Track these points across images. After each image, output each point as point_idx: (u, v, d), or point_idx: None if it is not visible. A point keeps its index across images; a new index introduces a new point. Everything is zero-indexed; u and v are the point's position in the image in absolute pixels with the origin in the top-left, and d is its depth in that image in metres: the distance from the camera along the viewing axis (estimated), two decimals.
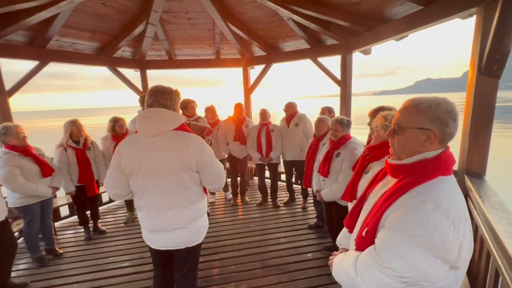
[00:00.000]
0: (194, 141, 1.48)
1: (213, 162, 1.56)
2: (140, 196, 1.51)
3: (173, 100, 1.52)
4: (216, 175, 1.59)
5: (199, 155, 1.48)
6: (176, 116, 1.50)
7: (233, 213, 3.95)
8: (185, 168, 1.46)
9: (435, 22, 2.56)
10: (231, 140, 4.04)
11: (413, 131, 0.90)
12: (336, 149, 2.49)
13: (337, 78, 4.15)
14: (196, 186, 1.56)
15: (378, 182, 1.18)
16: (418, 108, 0.89)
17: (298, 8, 3.17)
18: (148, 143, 1.44)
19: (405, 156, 0.95)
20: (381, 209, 0.93)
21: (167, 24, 4.00)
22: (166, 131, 1.44)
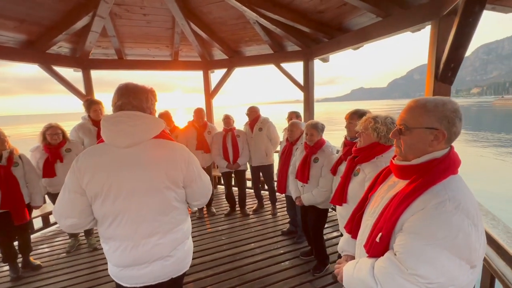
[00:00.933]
0: (180, 151, 1.23)
1: (201, 174, 1.34)
2: (109, 224, 1.18)
3: (149, 101, 1.22)
4: (204, 189, 1.37)
5: (187, 167, 1.23)
6: (156, 121, 1.22)
7: (200, 227, 3.63)
8: (170, 184, 1.20)
9: (391, 34, 2.80)
10: (193, 149, 3.73)
11: (420, 131, 0.89)
12: (313, 154, 2.48)
13: (300, 84, 4.26)
14: (181, 204, 1.31)
15: (379, 184, 1.14)
16: (425, 107, 0.88)
17: (265, 12, 3.14)
18: (121, 156, 1.15)
19: (412, 157, 0.93)
20: (396, 212, 0.88)
21: (118, 18, 3.54)
22: (145, 139, 1.17)
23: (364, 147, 1.61)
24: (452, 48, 1.98)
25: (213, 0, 3.27)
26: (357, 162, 1.66)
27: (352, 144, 1.99)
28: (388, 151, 1.56)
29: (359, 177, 1.62)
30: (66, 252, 3.03)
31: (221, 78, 4.90)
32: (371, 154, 1.58)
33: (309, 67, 4.14)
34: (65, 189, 1.16)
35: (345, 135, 2.19)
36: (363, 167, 1.62)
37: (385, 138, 1.55)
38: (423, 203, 0.83)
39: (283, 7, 3.12)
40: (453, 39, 1.93)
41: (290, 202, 3.26)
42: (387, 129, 1.52)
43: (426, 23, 2.36)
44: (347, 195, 1.68)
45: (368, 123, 1.58)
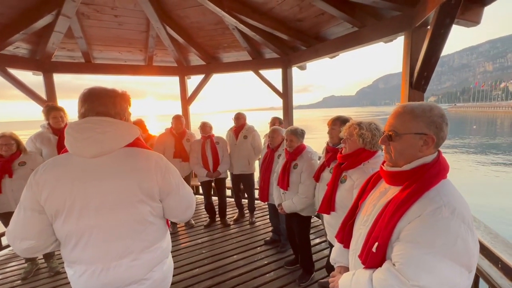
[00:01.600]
0: (155, 160, 1.11)
1: (181, 186, 1.21)
2: (73, 245, 1.03)
3: (118, 106, 1.10)
4: (184, 203, 1.24)
5: (163, 178, 1.11)
6: (129, 128, 1.10)
7: (177, 241, 3.42)
8: (145, 197, 1.07)
9: (366, 43, 2.92)
10: (171, 158, 3.55)
11: (410, 137, 0.89)
12: (293, 160, 2.45)
13: (279, 90, 4.27)
14: (159, 219, 1.17)
15: (369, 191, 1.13)
16: (413, 113, 0.89)
17: (244, 18, 3.12)
18: (87, 167, 1.02)
19: (403, 162, 0.93)
20: (391, 221, 0.86)
21: (86, 18, 3.28)
22: (115, 148, 1.05)
23: (350, 154, 1.60)
24: (425, 57, 2.09)
25: (191, 4, 3.17)
26: (343, 169, 1.65)
27: (334, 150, 1.99)
28: (374, 156, 1.57)
29: (346, 184, 1.60)
30: (21, 279, 2.65)
31: (198, 84, 4.76)
32: (358, 161, 1.57)
33: (287, 74, 4.18)
34: (20, 207, 1.00)
35: (327, 141, 2.19)
36: (350, 174, 1.61)
37: (371, 144, 1.56)
38: (419, 209, 0.82)
39: (262, 14, 3.12)
40: (426, 49, 2.04)
41: (273, 210, 3.20)
42: (372, 135, 1.53)
43: (399, 34, 2.48)
44: (335, 203, 1.65)
45: (352, 129, 1.58)
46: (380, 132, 1.55)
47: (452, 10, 1.79)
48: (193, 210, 1.31)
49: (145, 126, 3.66)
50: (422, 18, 2.13)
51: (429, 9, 1.98)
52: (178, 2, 3.17)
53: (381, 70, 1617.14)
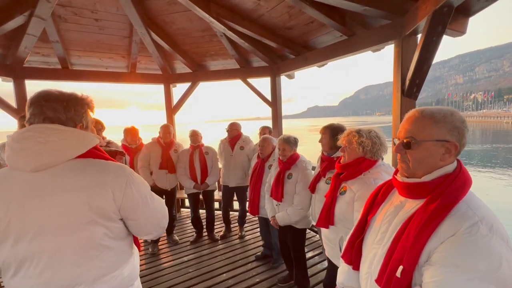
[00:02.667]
0: (114, 174, 0.96)
1: (150, 199, 1.06)
2: (12, 274, 0.88)
3: (72, 111, 0.96)
4: (156, 216, 1.09)
5: (124, 194, 0.97)
6: (81, 136, 0.95)
7: (160, 260, 3.16)
8: (97, 217, 0.92)
9: (355, 52, 2.92)
10: (156, 168, 3.34)
11: (431, 144, 0.80)
12: (287, 169, 2.35)
13: (268, 99, 4.20)
14: (119, 241, 1.01)
15: (379, 204, 1.02)
16: (433, 118, 0.81)
17: (233, 24, 3.04)
18: (26, 184, 0.88)
19: (422, 173, 0.83)
20: (419, 241, 0.75)
21: (63, 22, 3.07)
22: (61, 160, 0.90)
23: (350, 163, 1.51)
24: (417, 65, 2.08)
25: (177, 9, 3.06)
26: (342, 180, 1.55)
27: (330, 160, 1.90)
28: (374, 166, 1.49)
29: (346, 196, 1.50)
30: None
31: (184, 92, 4.60)
32: (358, 170, 1.48)
33: (276, 83, 4.13)
34: None
35: (322, 150, 2.11)
36: (350, 185, 1.51)
37: (371, 153, 1.47)
38: (452, 227, 0.72)
39: (252, 21, 3.06)
40: (418, 57, 2.03)
41: (263, 224, 3.04)
42: (372, 143, 1.45)
43: (389, 42, 2.49)
44: (334, 216, 1.54)
45: (351, 137, 1.50)
46: (380, 140, 1.48)
47: (444, 18, 1.79)
48: (167, 222, 1.17)
49: (138, 134, 3.45)
50: (412, 26, 2.13)
51: (420, 17, 1.99)
52: (164, 7, 3.05)
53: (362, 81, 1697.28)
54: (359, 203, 1.41)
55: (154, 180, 3.35)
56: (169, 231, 3.65)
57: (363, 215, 1.05)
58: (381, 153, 1.49)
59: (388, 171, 1.48)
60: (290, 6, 2.71)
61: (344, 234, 1.48)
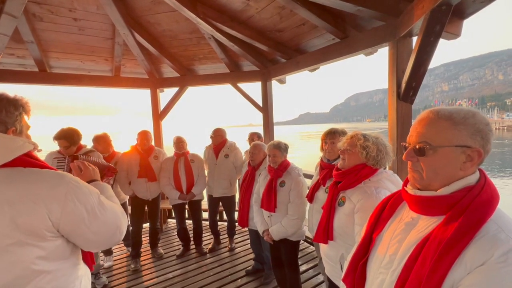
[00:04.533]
0: (49, 183, 0.82)
1: (99, 209, 0.91)
2: None
3: (4, 112, 0.85)
4: (107, 232, 0.93)
5: (63, 207, 0.82)
6: (8, 141, 0.82)
7: (141, 277, 2.91)
8: (26, 237, 0.77)
9: (348, 55, 2.83)
10: (135, 177, 3.10)
11: (449, 150, 0.67)
12: (278, 177, 2.19)
13: (259, 105, 4.06)
14: (58, 263, 0.85)
15: (386, 220, 0.87)
16: (452, 119, 0.67)
17: (221, 26, 2.91)
18: None
19: (438, 184, 0.70)
20: (439, 268, 0.60)
21: (38, 21, 2.87)
22: None
23: (349, 170, 1.36)
24: (414, 67, 1.98)
25: (163, 9, 2.91)
26: (340, 189, 1.40)
27: (330, 167, 1.75)
28: (375, 174, 1.34)
29: (346, 207, 1.35)
30: None
31: (172, 97, 4.41)
32: (358, 178, 1.33)
33: (267, 88, 4.00)
34: None
35: (321, 156, 1.97)
36: (349, 195, 1.36)
37: (374, 160, 1.33)
38: (481, 254, 0.58)
39: (241, 22, 2.94)
40: (415, 59, 1.93)
41: (254, 236, 2.85)
42: (378, 150, 1.31)
43: (383, 45, 2.40)
44: (333, 231, 1.38)
45: (356, 140, 1.36)
46: (386, 148, 1.34)
47: (443, 17, 1.70)
48: (122, 234, 1.00)
49: (110, 141, 3.20)
50: (407, 27, 2.04)
51: (416, 17, 1.89)
52: (148, 7, 2.89)
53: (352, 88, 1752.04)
54: (360, 216, 1.26)
55: (133, 190, 3.12)
56: (153, 244, 3.41)
57: (367, 233, 0.91)
58: (384, 163, 1.36)
59: (391, 179, 1.34)
60: (281, 7, 2.61)
61: (345, 251, 1.33)
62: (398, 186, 1.36)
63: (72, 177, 0.88)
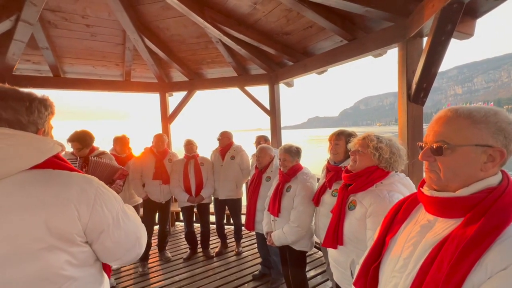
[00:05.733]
0: (80, 187, 0.80)
1: (122, 216, 0.89)
2: None
3: (36, 113, 0.83)
4: (128, 239, 0.92)
5: (91, 211, 0.80)
6: (38, 142, 0.80)
7: (148, 280, 2.91)
8: (57, 241, 0.75)
9: (356, 56, 2.79)
10: (149, 179, 3.15)
11: (468, 150, 0.65)
12: (286, 181, 2.16)
13: (266, 108, 4.06)
14: (85, 269, 0.84)
15: (400, 223, 0.84)
16: (471, 118, 0.65)
17: (229, 30, 2.93)
18: None
19: (457, 185, 0.67)
20: (457, 272, 0.57)
21: (53, 28, 2.97)
22: (10, 172, 0.73)
23: (360, 172, 1.32)
24: (424, 68, 1.93)
25: (171, 14, 2.96)
26: (350, 192, 1.36)
27: (337, 169, 1.72)
28: (387, 177, 1.30)
29: (356, 212, 1.31)
30: None
31: (180, 101, 4.47)
32: (369, 181, 1.29)
33: (274, 91, 3.99)
34: None
35: (328, 159, 1.93)
36: (360, 198, 1.32)
37: (387, 163, 1.29)
38: (503, 257, 0.55)
39: (248, 26, 2.96)
40: (425, 59, 1.88)
41: (261, 240, 2.82)
42: (391, 152, 1.27)
43: (392, 46, 2.35)
44: (343, 235, 1.34)
45: (368, 141, 1.32)
46: (400, 152, 1.30)
47: (454, 15, 1.65)
48: (142, 247, 0.98)
49: (128, 143, 3.27)
50: (417, 27, 2.00)
51: (426, 17, 1.85)
52: (157, 12, 2.95)
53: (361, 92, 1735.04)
54: (373, 220, 1.22)
55: (147, 192, 3.15)
56: (161, 247, 3.43)
57: (381, 236, 0.88)
58: (398, 166, 1.31)
59: (403, 182, 1.30)
60: (288, 10, 2.61)
61: (356, 257, 1.28)
62: (411, 189, 1.32)
63: (99, 182, 0.86)
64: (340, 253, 1.36)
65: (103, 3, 2.76)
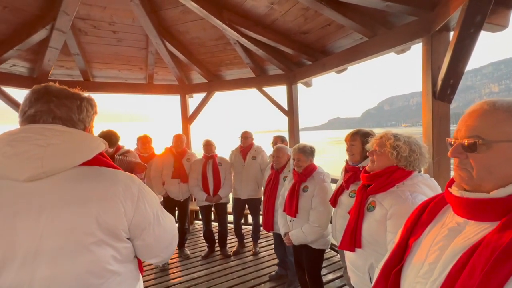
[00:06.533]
0: (125, 183, 0.83)
1: (160, 216, 0.92)
2: None
3: (84, 112, 0.86)
4: (167, 236, 0.95)
5: (135, 208, 0.83)
6: (87, 139, 0.83)
7: (168, 275, 3.00)
8: (106, 236, 0.77)
9: (377, 53, 2.69)
10: (169, 178, 3.26)
11: (507, 146, 0.59)
12: (302, 181, 2.13)
13: (284, 108, 4.04)
14: (127, 265, 0.86)
15: (425, 225, 0.78)
16: (510, 111, 0.59)
17: (246, 31, 2.96)
18: (18, 196, 0.72)
19: (492, 185, 0.61)
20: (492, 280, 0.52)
21: (83, 35, 3.19)
22: (63, 167, 0.76)
23: (379, 172, 1.27)
24: (451, 62, 1.82)
25: (190, 18, 3.06)
26: (370, 193, 1.31)
27: (355, 170, 1.67)
28: (409, 177, 1.24)
29: (376, 213, 1.25)
30: None
31: (199, 103, 4.58)
32: (390, 181, 1.24)
33: (292, 91, 3.96)
34: None
35: (346, 159, 1.89)
36: (380, 199, 1.26)
37: (407, 161, 1.23)
38: None
39: (266, 27, 2.97)
40: (452, 53, 1.77)
41: (278, 240, 2.80)
42: (410, 150, 1.21)
43: (416, 41, 2.24)
44: (361, 238, 1.29)
45: (386, 139, 1.27)
46: (421, 149, 1.24)
47: (484, 6, 1.55)
48: (175, 244, 1.01)
49: (149, 142, 3.42)
50: (443, 20, 1.89)
51: (453, 8, 1.75)
52: (178, 16, 3.06)
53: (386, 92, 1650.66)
54: (394, 223, 1.16)
55: (166, 190, 3.27)
56: (181, 244, 3.52)
57: (403, 238, 0.82)
58: (419, 165, 1.24)
59: (428, 183, 1.23)
60: (305, 8, 2.58)
61: (375, 261, 1.23)
62: (436, 191, 1.24)
63: (140, 180, 0.90)
64: (358, 256, 1.31)
65: (128, 10, 2.91)
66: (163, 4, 2.92)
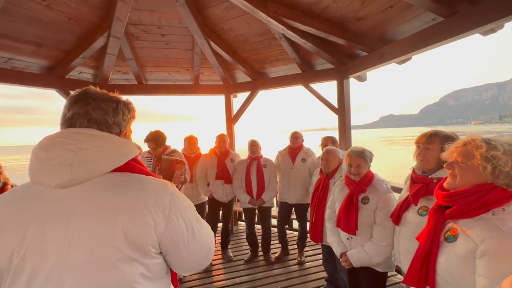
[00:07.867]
0: (156, 191, 0.75)
1: (196, 226, 0.82)
2: None
3: (120, 115, 0.83)
4: (202, 249, 0.85)
5: (167, 220, 0.74)
6: (120, 144, 0.78)
7: (211, 277, 2.96)
8: (134, 252, 0.69)
9: (453, 37, 2.20)
10: (213, 179, 3.24)
11: None
12: (361, 192, 1.82)
13: (334, 106, 3.68)
14: (156, 283, 0.77)
15: None
16: None
17: (293, 22, 2.73)
18: (49, 203, 0.68)
19: None
20: None
21: (135, 40, 3.37)
22: (94, 174, 0.71)
23: (466, 190, 0.94)
24: None
25: (234, 15, 2.96)
26: (449, 217, 0.98)
27: (426, 180, 1.32)
28: None
29: (459, 246, 0.93)
30: None
31: (243, 102, 4.50)
32: (482, 205, 0.90)
33: (344, 87, 3.58)
34: None
35: (413, 166, 1.53)
36: (465, 227, 0.93)
37: (508, 178, 0.88)
38: None
39: (315, 16, 2.69)
40: None
41: (327, 253, 2.51)
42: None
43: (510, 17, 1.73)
44: (435, 275, 0.98)
45: (473, 147, 0.93)
46: None
47: None
48: (212, 254, 0.91)
49: (195, 142, 3.43)
50: None
51: None
52: (222, 14, 2.99)
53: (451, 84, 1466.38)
54: (488, 264, 0.83)
55: (211, 191, 3.26)
56: (224, 245, 3.48)
57: None
58: None
59: None
60: None
61: None
62: None
63: (174, 188, 0.82)
64: None
65: (174, 11, 2.95)
66: (207, 2, 2.88)
